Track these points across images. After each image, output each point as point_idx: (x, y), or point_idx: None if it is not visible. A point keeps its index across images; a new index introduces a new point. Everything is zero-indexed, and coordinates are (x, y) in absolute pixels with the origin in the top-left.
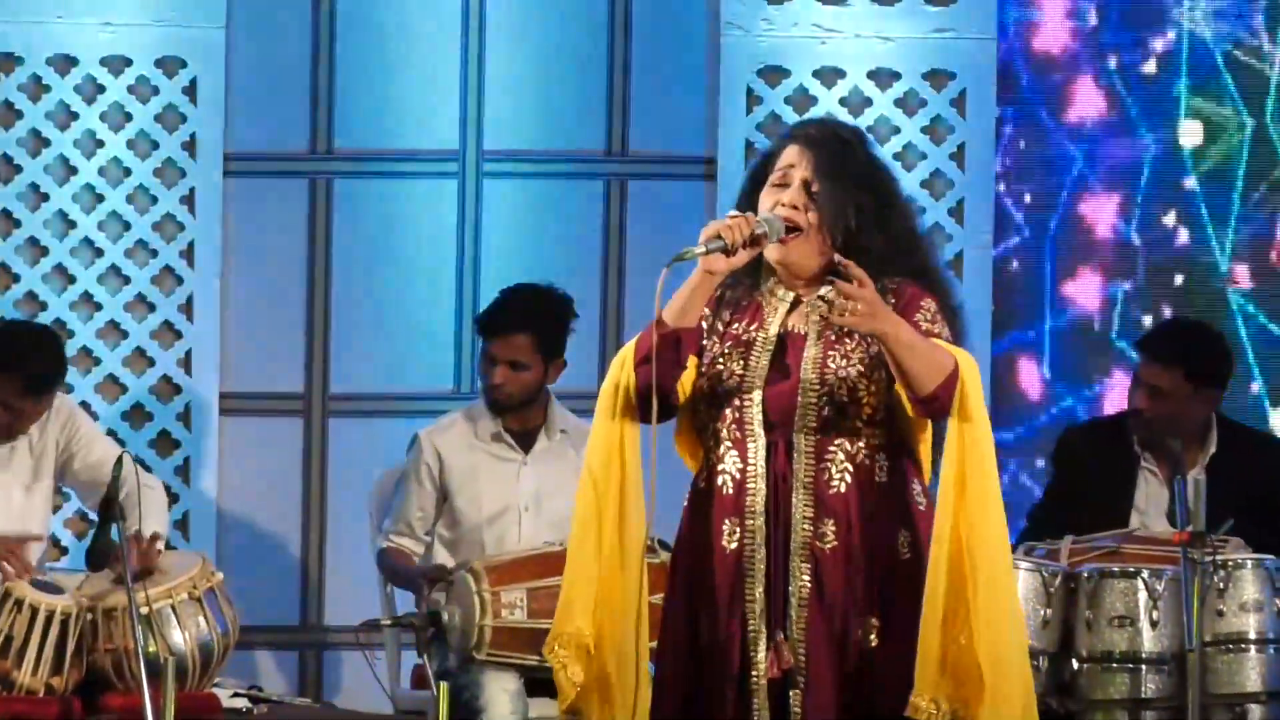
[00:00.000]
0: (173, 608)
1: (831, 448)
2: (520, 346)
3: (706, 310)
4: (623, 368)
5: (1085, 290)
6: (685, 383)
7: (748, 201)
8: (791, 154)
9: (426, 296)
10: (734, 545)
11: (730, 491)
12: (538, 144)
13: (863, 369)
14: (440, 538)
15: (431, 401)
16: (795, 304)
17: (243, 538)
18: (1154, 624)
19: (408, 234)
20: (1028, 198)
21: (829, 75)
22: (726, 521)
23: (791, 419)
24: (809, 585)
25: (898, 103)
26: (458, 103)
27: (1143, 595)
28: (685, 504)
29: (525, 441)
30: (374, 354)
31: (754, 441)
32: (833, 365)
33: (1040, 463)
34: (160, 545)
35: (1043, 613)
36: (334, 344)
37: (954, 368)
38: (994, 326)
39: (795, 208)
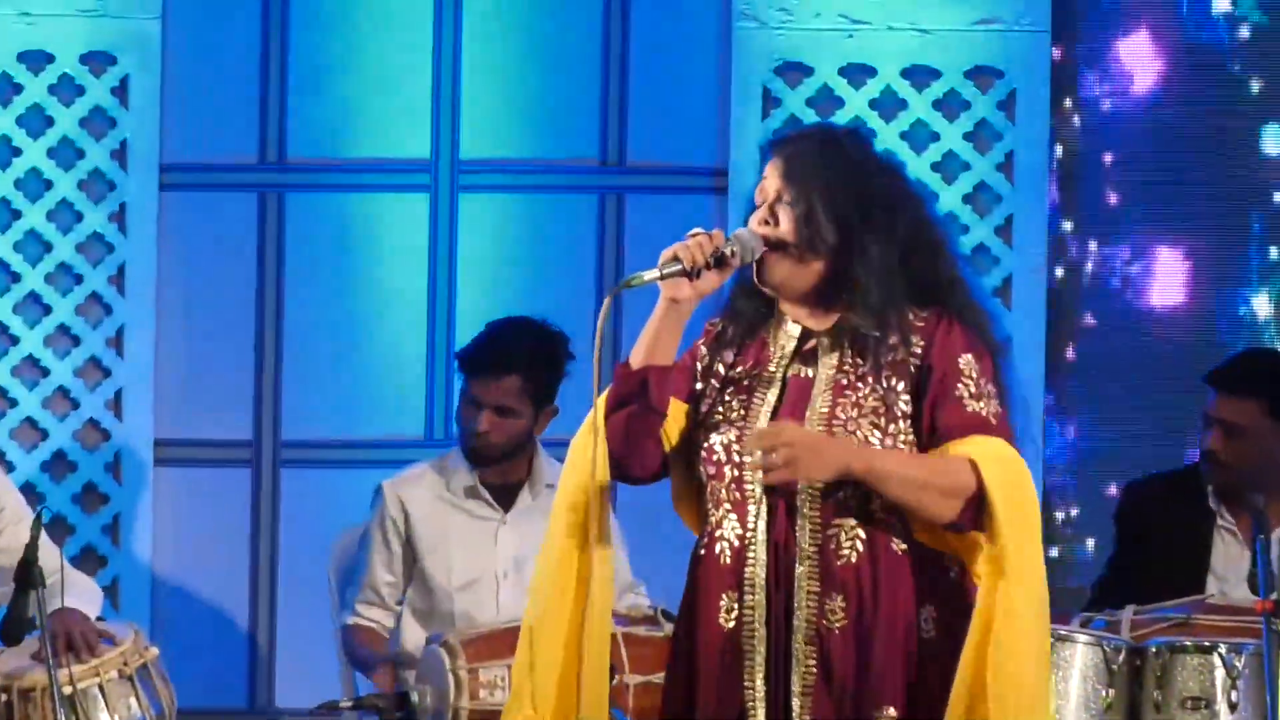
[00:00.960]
0: (100, 688)
1: (842, 512)
2: (509, 390)
3: (703, 349)
4: (594, 417)
5: None
6: (671, 432)
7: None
8: (768, 166)
9: (393, 328)
10: (731, 624)
11: (729, 561)
12: (522, 153)
13: (876, 420)
14: (412, 608)
15: (399, 450)
16: (804, 340)
17: (181, 606)
18: (1232, 706)
19: (372, 256)
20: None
21: (857, 73)
22: (724, 596)
23: (795, 479)
24: (815, 671)
25: (937, 105)
26: (429, 105)
27: (1219, 673)
28: (687, 572)
29: (505, 498)
30: (332, 395)
31: (754, 504)
32: (842, 415)
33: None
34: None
35: (1104, 693)
36: (286, 383)
37: (974, 488)
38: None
39: (766, 221)
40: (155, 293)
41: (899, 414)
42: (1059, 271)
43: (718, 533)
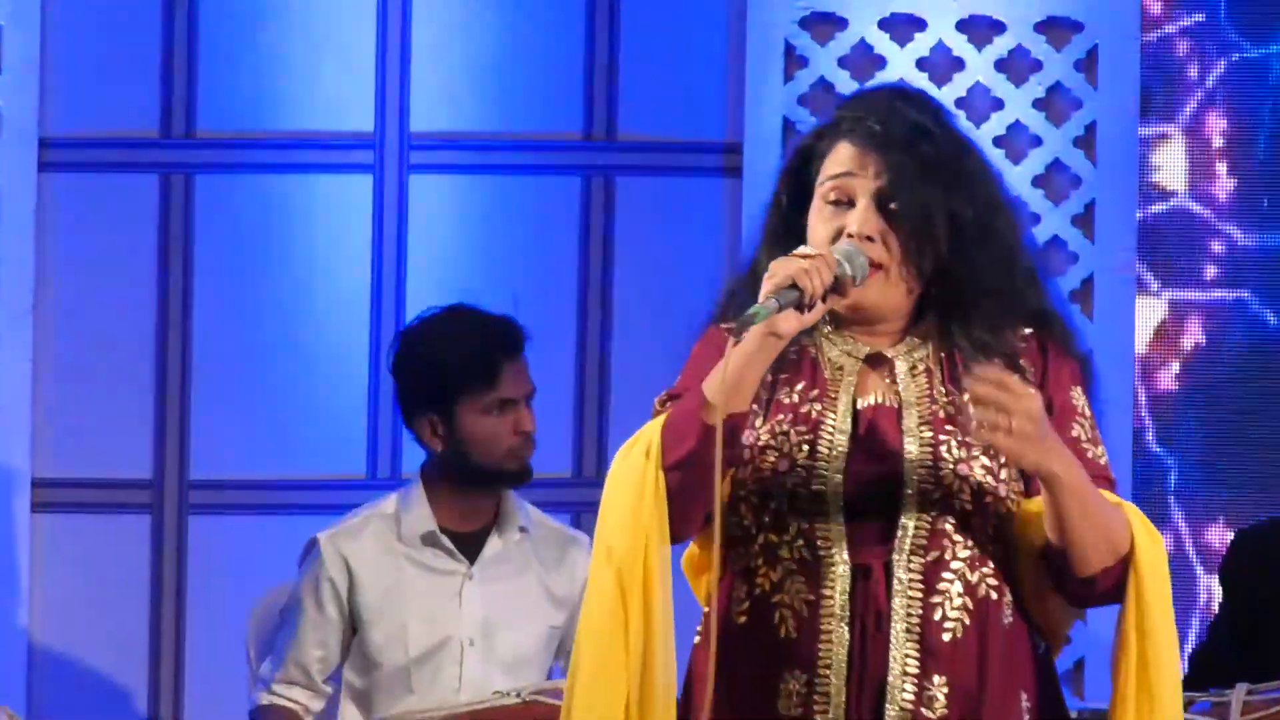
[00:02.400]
0: None
1: (947, 575)
2: (527, 370)
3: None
4: (647, 463)
5: None
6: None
7: (785, 222)
8: (847, 155)
9: (329, 341)
10: (797, 710)
11: (793, 634)
12: (486, 126)
13: (989, 461)
14: (350, 688)
15: (334, 491)
16: (871, 364)
17: (65, 682)
18: None
19: (302, 251)
20: None
21: (902, 27)
22: (789, 678)
23: (891, 532)
24: None
25: (1000, 66)
26: (373, 69)
27: None
28: (695, 647)
29: (469, 546)
30: (253, 423)
31: (832, 564)
32: (949, 455)
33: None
34: None
35: None
36: (196, 410)
37: (1129, 546)
38: None
39: (870, 238)
40: (32, 296)
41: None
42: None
43: (775, 598)
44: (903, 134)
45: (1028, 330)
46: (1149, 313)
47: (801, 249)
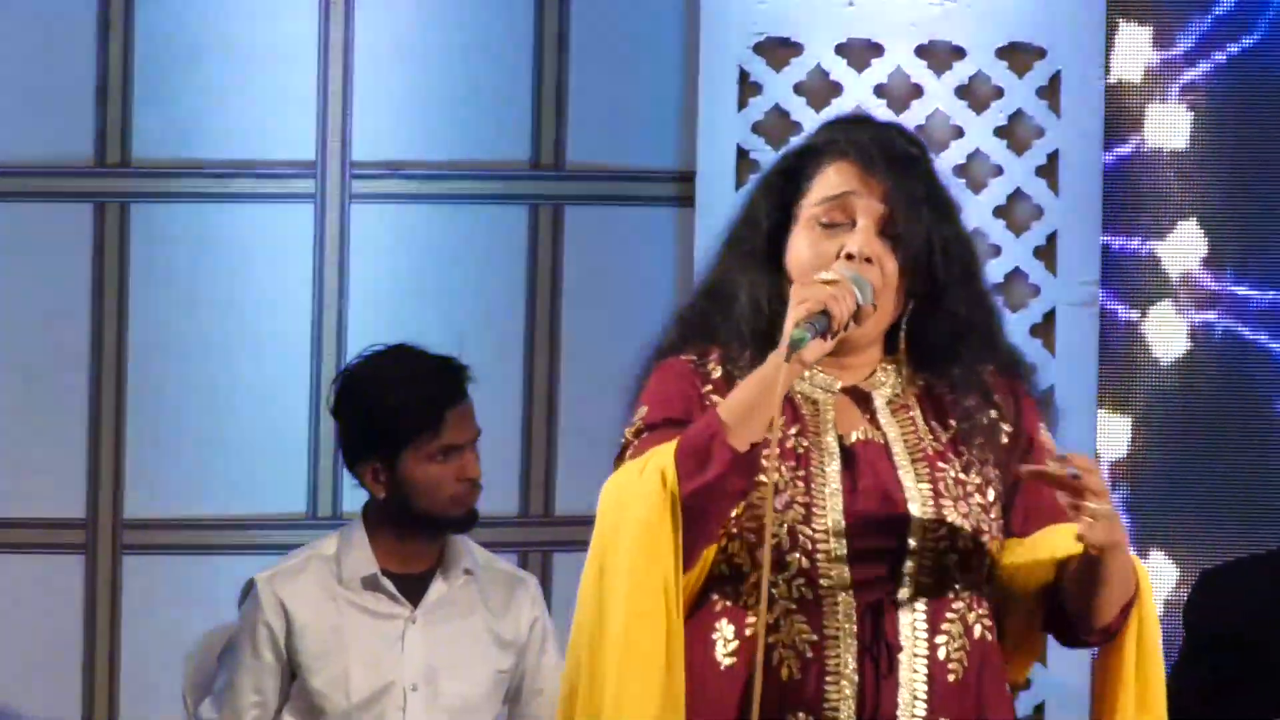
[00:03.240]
0: None
1: (950, 614)
2: (473, 413)
3: (715, 396)
4: (663, 490)
5: None
6: None
7: (764, 241)
8: (847, 175)
9: (269, 374)
10: None
11: (796, 674)
12: (431, 153)
13: (981, 499)
14: None
15: (274, 531)
16: (850, 397)
17: None
18: None
19: (241, 282)
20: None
21: (859, 52)
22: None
23: (894, 570)
24: None
25: (960, 92)
26: (314, 96)
27: None
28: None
29: (412, 589)
30: (190, 461)
31: (835, 603)
32: (948, 493)
33: None
34: None
35: None
36: (131, 447)
37: (1135, 588)
38: None
39: (869, 260)
40: None
41: (997, 493)
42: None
43: (772, 638)
44: (901, 159)
45: (990, 366)
46: None
47: (823, 274)
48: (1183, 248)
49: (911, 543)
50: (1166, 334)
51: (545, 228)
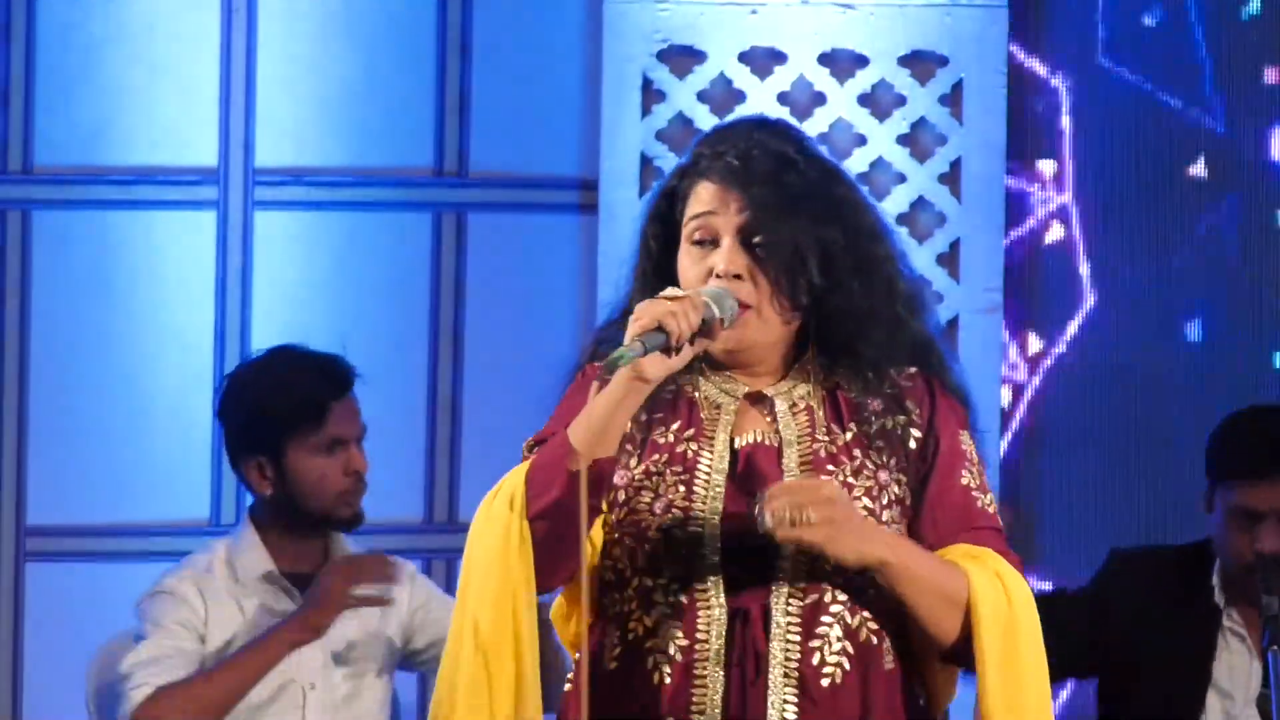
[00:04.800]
0: None
1: (826, 619)
2: (357, 409)
3: None
4: (512, 512)
5: None
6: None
7: (655, 265)
8: (708, 194)
9: (171, 381)
10: None
11: (668, 680)
12: (333, 160)
13: (871, 503)
14: None
15: (177, 537)
16: (754, 401)
17: None
18: None
19: (143, 288)
20: None
21: (762, 60)
22: None
23: (768, 575)
24: None
25: (864, 100)
26: (216, 102)
27: None
28: (567, 695)
29: (303, 586)
30: (91, 468)
31: (707, 608)
32: None
33: None
34: None
35: None
36: (32, 452)
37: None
38: None
39: (739, 276)
40: None
41: (892, 498)
42: None
43: (649, 643)
44: (764, 167)
45: (912, 369)
46: None
47: (669, 291)
48: None
49: (784, 547)
50: None
51: (449, 234)
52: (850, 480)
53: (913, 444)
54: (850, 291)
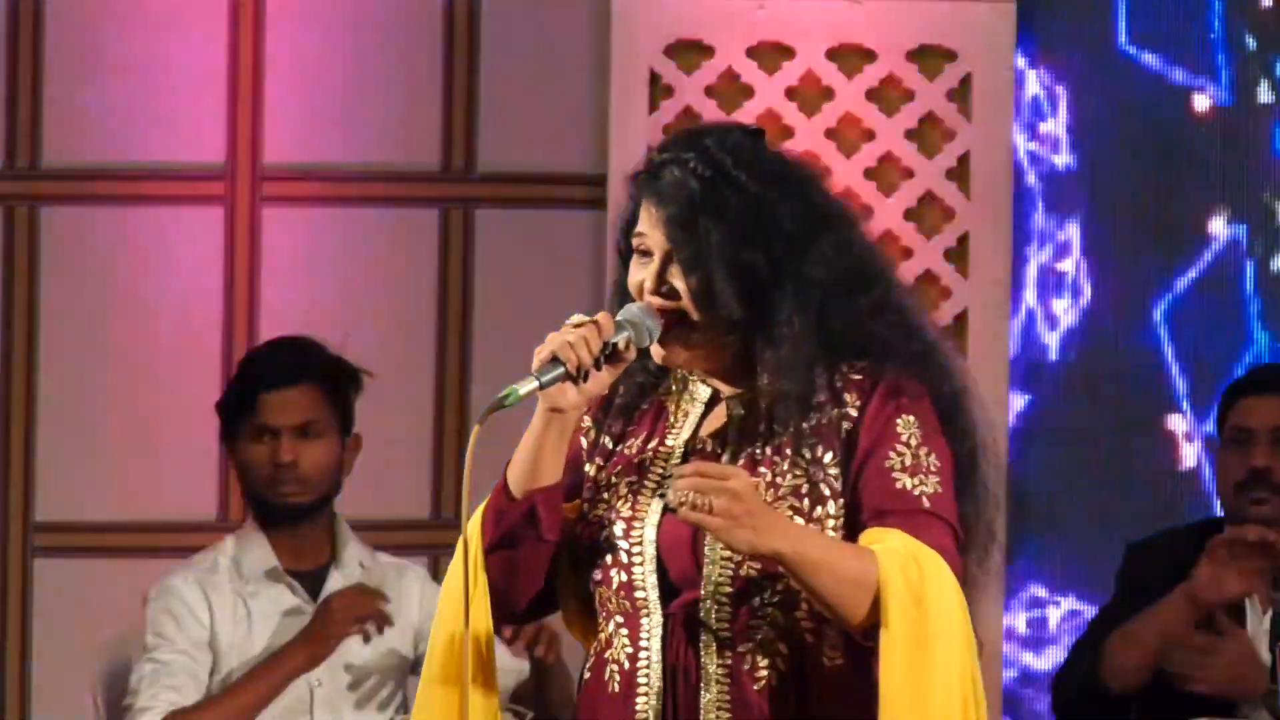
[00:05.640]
0: None
1: (754, 622)
2: (311, 402)
3: (587, 421)
4: (465, 549)
5: None
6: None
7: (627, 274)
8: (643, 211)
9: (179, 376)
10: None
11: (618, 689)
12: (341, 156)
13: (798, 501)
14: None
15: (187, 534)
16: (714, 405)
17: None
18: None
19: (152, 285)
20: None
21: (770, 55)
22: None
23: (700, 581)
24: None
25: (871, 95)
26: (225, 99)
27: None
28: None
29: (309, 583)
30: (101, 464)
31: (648, 615)
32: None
33: None
34: None
35: None
36: (41, 448)
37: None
38: None
39: (661, 292)
40: None
41: (826, 493)
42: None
43: (607, 653)
44: (689, 188)
45: (863, 363)
46: None
47: (574, 317)
48: None
49: (708, 551)
50: None
51: (456, 231)
52: (779, 480)
53: (844, 433)
54: (776, 305)
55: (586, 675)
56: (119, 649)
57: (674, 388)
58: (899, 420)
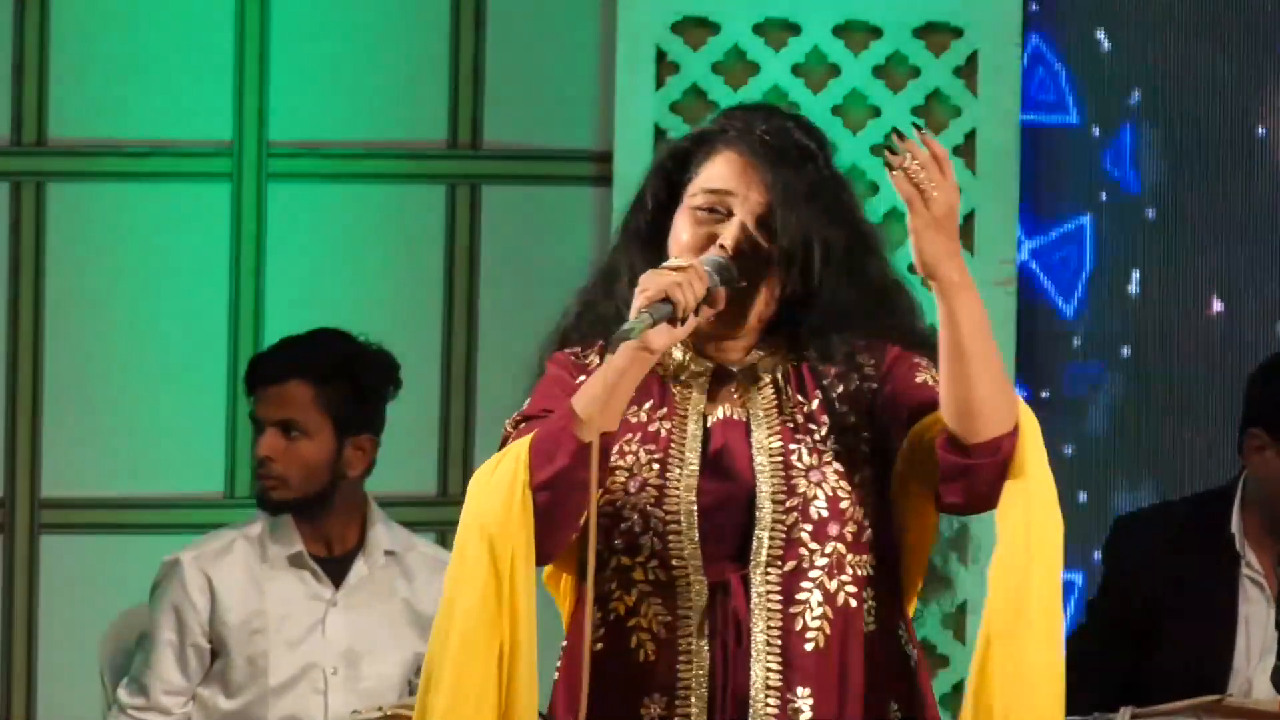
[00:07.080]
0: None
1: (805, 584)
2: (293, 399)
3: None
4: (515, 480)
5: None
6: None
7: (650, 222)
8: (729, 166)
9: (186, 353)
10: None
11: (651, 657)
12: (346, 134)
13: (842, 466)
14: (209, 711)
15: (192, 510)
16: (719, 378)
17: None
18: None
19: (158, 261)
20: None
21: (776, 31)
22: (649, 702)
23: (746, 547)
24: None
25: (878, 71)
26: (231, 76)
27: None
28: (558, 676)
29: (333, 572)
30: (107, 440)
31: (688, 583)
32: (800, 463)
33: None
34: None
35: None
36: (47, 425)
37: (1015, 422)
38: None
39: (743, 253)
40: None
41: (860, 458)
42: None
43: (631, 622)
44: (792, 153)
45: (876, 341)
46: None
47: (672, 261)
48: None
49: (760, 517)
50: None
51: (462, 207)
52: (820, 446)
53: (868, 392)
54: (839, 290)
55: (599, 646)
56: (126, 627)
57: (665, 356)
58: (913, 360)
